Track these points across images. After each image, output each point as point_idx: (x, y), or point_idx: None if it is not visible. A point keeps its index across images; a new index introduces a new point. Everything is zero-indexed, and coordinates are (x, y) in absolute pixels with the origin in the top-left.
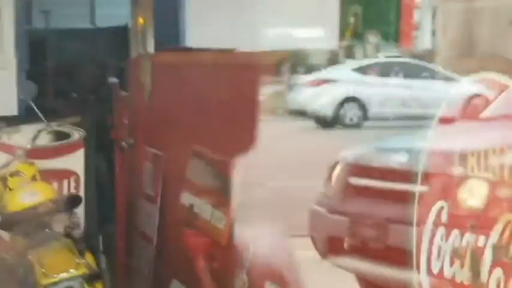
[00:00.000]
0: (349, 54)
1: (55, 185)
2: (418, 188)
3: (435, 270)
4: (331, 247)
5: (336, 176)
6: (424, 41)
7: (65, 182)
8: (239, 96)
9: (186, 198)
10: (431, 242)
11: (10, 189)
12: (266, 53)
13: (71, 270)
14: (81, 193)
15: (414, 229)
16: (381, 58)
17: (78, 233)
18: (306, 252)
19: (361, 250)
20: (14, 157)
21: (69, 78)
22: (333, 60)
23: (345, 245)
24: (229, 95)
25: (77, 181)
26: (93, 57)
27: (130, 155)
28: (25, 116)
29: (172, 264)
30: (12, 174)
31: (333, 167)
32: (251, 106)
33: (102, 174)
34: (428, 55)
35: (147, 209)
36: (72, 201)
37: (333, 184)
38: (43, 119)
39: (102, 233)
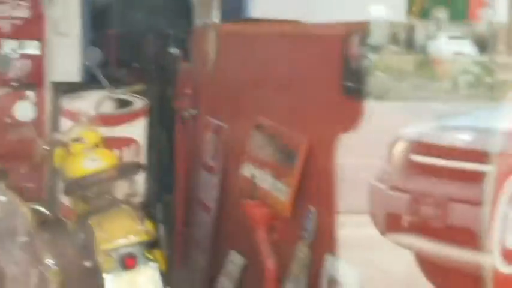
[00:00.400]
0: (411, 31)
1: (116, 152)
2: (488, 166)
3: (510, 245)
4: (390, 224)
5: (398, 152)
6: (492, 18)
7: (126, 150)
8: (305, 69)
9: (248, 169)
10: (505, 217)
11: (72, 155)
12: (334, 25)
13: (131, 237)
14: (142, 161)
15: (484, 207)
16: None
17: (138, 200)
18: (365, 229)
19: (421, 228)
20: (77, 123)
21: (131, 47)
22: (396, 35)
23: (405, 222)
24: (295, 68)
25: (138, 149)
26: (155, 27)
27: (191, 125)
28: (88, 82)
29: (231, 235)
30: (74, 140)
31: (394, 144)
32: (317, 79)
33: (163, 143)
34: (495, 33)
35: (208, 179)
36: (133, 168)
37: (394, 161)
38: (107, 86)
39: (161, 201)
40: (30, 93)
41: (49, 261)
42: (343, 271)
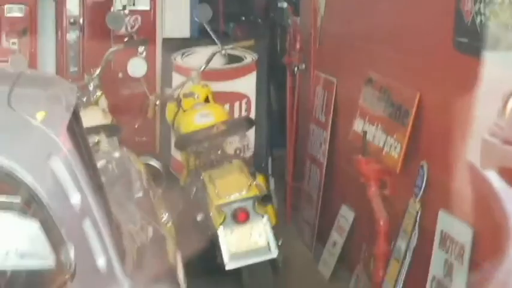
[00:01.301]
0: None
1: (226, 107)
2: None
3: None
4: (503, 178)
5: (511, 106)
6: None
7: (237, 105)
8: (416, 23)
9: (359, 124)
10: None
11: (184, 110)
12: None
13: (243, 192)
14: (252, 116)
15: None
16: None
17: (248, 155)
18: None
19: None
20: (188, 79)
21: (240, 1)
22: None
23: None
24: (406, 22)
25: (248, 104)
26: None
27: (301, 80)
28: (198, 38)
29: (342, 190)
30: (186, 96)
31: (508, 97)
32: (429, 34)
33: (273, 98)
34: None
35: (318, 134)
36: (244, 123)
37: (507, 115)
38: (217, 41)
39: (271, 155)
40: (142, 49)
41: (164, 218)
42: (456, 227)
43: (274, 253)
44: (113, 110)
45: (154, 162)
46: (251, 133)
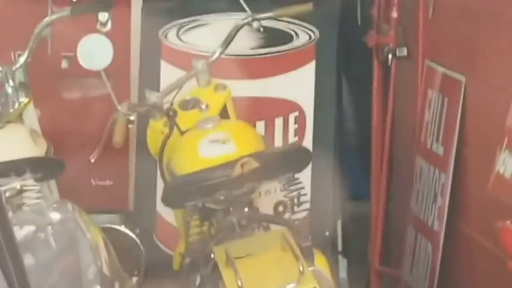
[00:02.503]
0: None
1: (260, 126)
2: None
3: None
4: None
5: None
6: None
7: (279, 122)
8: None
9: (507, 162)
10: None
11: (181, 132)
12: None
13: (290, 286)
14: (308, 144)
15: None
16: None
17: (301, 216)
18: None
19: None
20: (190, 74)
21: None
22: None
23: None
24: None
25: (301, 121)
26: None
27: (399, 76)
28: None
29: (474, 283)
30: (185, 106)
31: None
32: None
33: (348, 109)
34: None
35: (430, 178)
36: (293, 158)
37: None
38: (245, 5)
39: (342, 216)
40: (104, 18)
41: None
42: None
43: None
44: (49, 131)
45: (124, 229)
46: (306, 175)
